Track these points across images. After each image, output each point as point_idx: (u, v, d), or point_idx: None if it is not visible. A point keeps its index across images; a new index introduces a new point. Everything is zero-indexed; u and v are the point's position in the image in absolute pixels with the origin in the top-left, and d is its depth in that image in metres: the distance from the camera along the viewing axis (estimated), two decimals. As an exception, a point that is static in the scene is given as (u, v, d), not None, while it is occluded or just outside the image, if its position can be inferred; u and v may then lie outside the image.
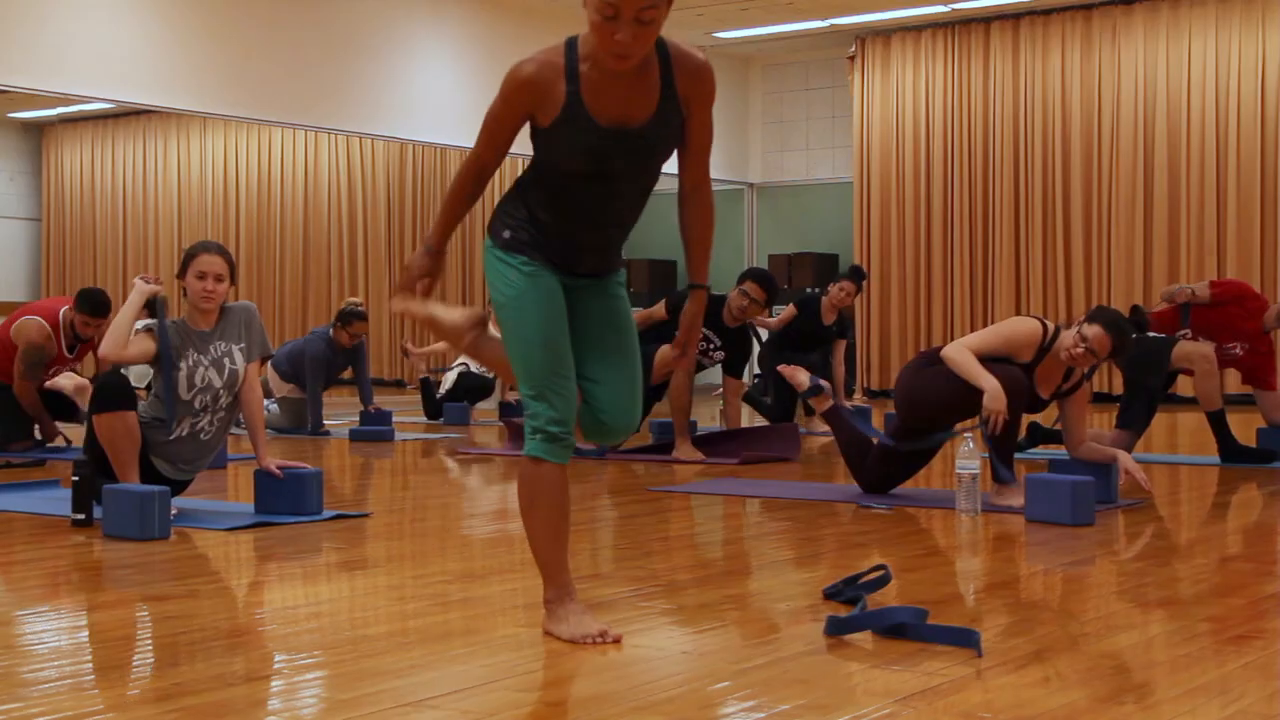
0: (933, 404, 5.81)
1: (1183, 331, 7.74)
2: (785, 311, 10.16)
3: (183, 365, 5.28)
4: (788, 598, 3.77)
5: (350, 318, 9.79)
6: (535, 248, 3.24)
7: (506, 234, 3.26)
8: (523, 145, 3.29)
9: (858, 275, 10.21)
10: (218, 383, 5.32)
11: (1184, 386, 12.84)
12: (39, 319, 7.81)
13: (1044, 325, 5.75)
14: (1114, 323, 5.68)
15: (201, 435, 5.37)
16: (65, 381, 7.85)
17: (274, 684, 2.90)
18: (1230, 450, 7.52)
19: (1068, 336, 5.72)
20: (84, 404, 5.33)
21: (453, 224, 3.39)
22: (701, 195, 3.36)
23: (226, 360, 5.34)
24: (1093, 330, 5.63)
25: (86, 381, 5.22)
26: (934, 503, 5.76)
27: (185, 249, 5.46)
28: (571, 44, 3.14)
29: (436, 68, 12.91)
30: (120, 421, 5.15)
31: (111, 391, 5.20)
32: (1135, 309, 6.46)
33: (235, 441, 8.89)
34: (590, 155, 3.15)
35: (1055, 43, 13.91)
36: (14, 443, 7.88)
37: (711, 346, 8.05)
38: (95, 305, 7.81)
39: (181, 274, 5.35)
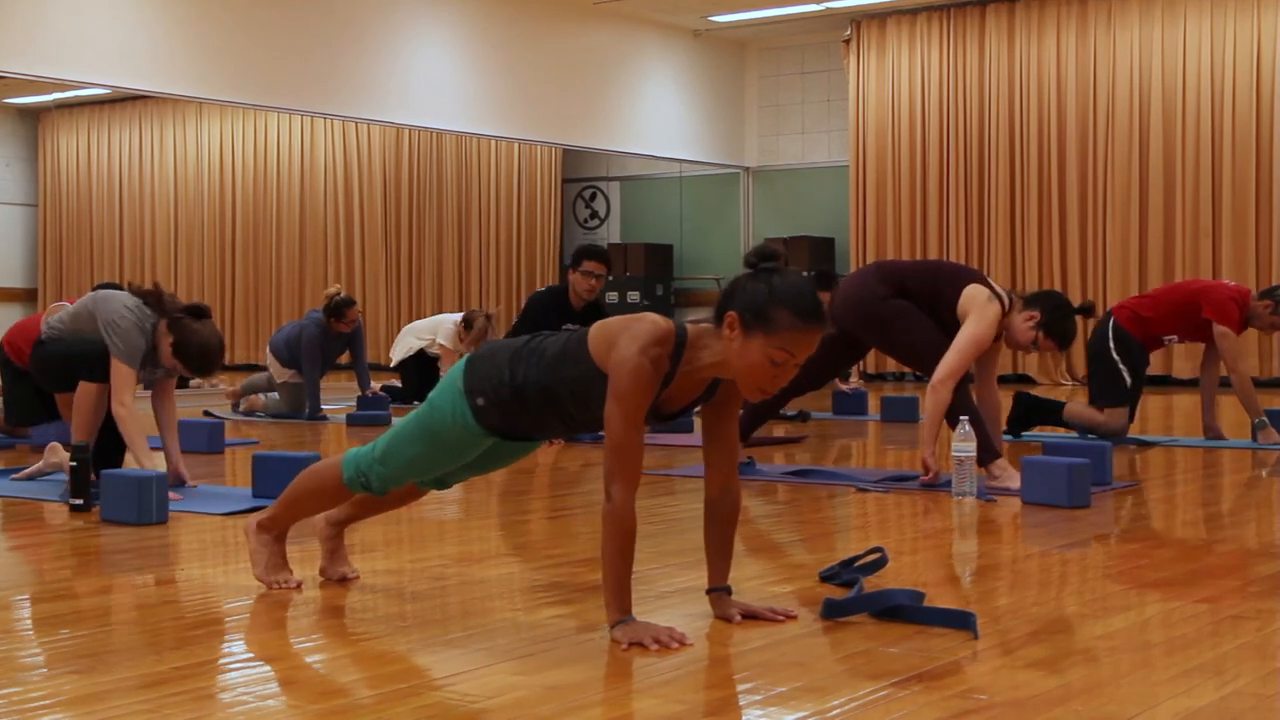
0: (893, 343, 6.05)
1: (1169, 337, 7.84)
2: None
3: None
4: (784, 580, 3.78)
5: (341, 308, 9.74)
6: (500, 423, 3.30)
7: (480, 401, 3.27)
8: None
9: (828, 282, 10.15)
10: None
11: (1181, 369, 12.89)
12: (69, 304, 7.93)
13: (1000, 302, 5.83)
14: (1068, 335, 5.97)
15: None
16: None
17: (272, 668, 2.91)
18: None
19: (1023, 330, 5.91)
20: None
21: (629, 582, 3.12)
22: (731, 496, 3.28)
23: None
24: (1049, 345, 5.93)
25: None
26: (930, 486, 5.76)
27: (193, 356, 5.52)
28: (682, 344, 3.06)
29: (433, 52, 12.89)
30: (103, 393, 5.51)
31: (101, 362, 5.50)
32: (1087, 305, 6.60)
33: (235, 427, 8.90)
34: None
35: (1050, 26, 13.89)
36: (18, 426, 7.90)
37: None
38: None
39: (170, 343, 5.52)
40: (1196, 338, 7.78)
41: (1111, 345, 7.61)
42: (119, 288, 8.29)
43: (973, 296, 5.81)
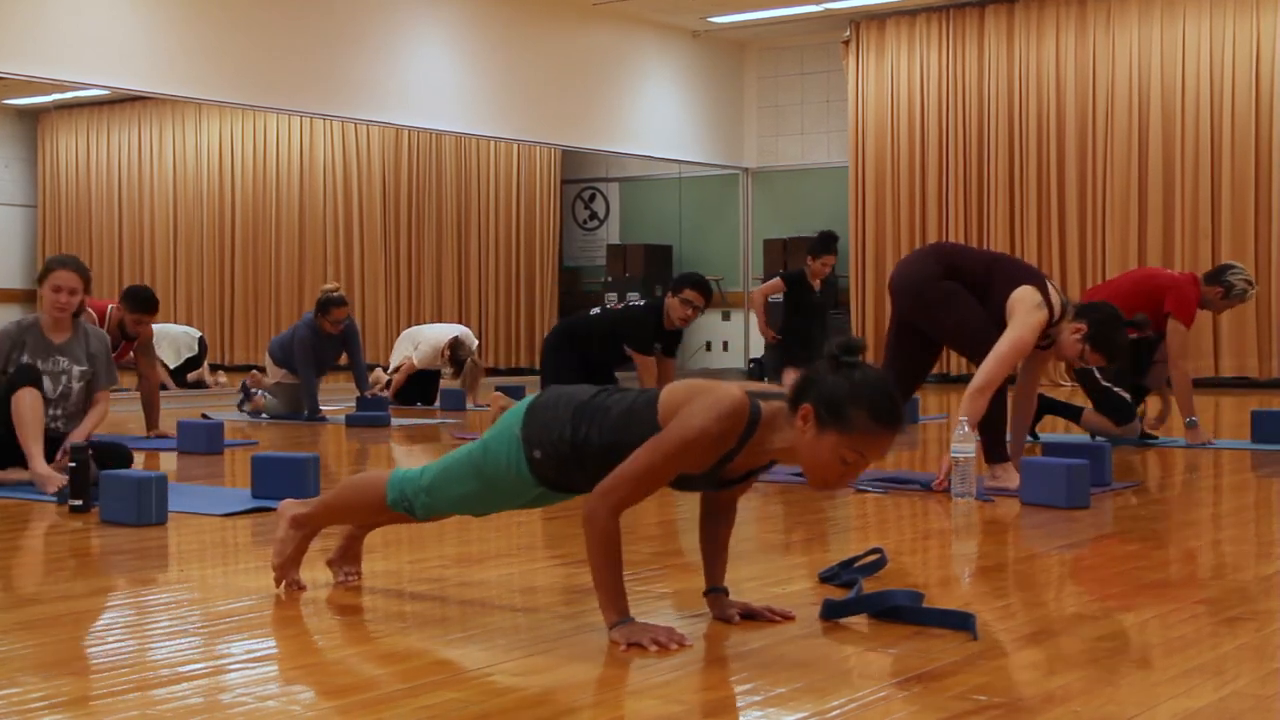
0: (940, 324, 5.89)
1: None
2: (771, 283, 10.18)
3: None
4: (783, 581, 3.78)
5: (328, 305, 9.69)
6: (555, 476, 3.25)
7: (538, 454, 3.21)
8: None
9: (832, 243, 10.15)
10: (50, 394, 5.78)
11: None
12: (90, 310, 7.94)
13: (1050, 310, 5.66)
14: (1119, 350, 5.78)
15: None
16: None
17: (271, 669, 2.91)
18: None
19: (1070, 343, 5.70)
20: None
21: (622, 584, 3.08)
22: (731, 512, 3.31)
23: (64, 377, 5.84)
24: (1096, 359, 5.74)
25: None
26: (929, 486, 5.76)
27: (46, 261, 5.96)
28: (754, 424, 2.98)
29: (433, 53, 12.89)
30: (33, 398, 5.60)
31: (28, 371, 5.68)
32: (1139, 319, 6.34)
33: (233, 428, 8.90)
34: (676, 484, 3.16)
35: (1050, 26, 13.90)
36: None
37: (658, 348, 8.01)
38: (147, 303, 7.94)
39: (40, 283, 5.88)
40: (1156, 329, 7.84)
41: (1104, 382, 7.69)
42: (152, 298, 8.25)
43: (1021, 298, 5.64)
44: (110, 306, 8.02)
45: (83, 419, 5.90)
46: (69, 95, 18.39)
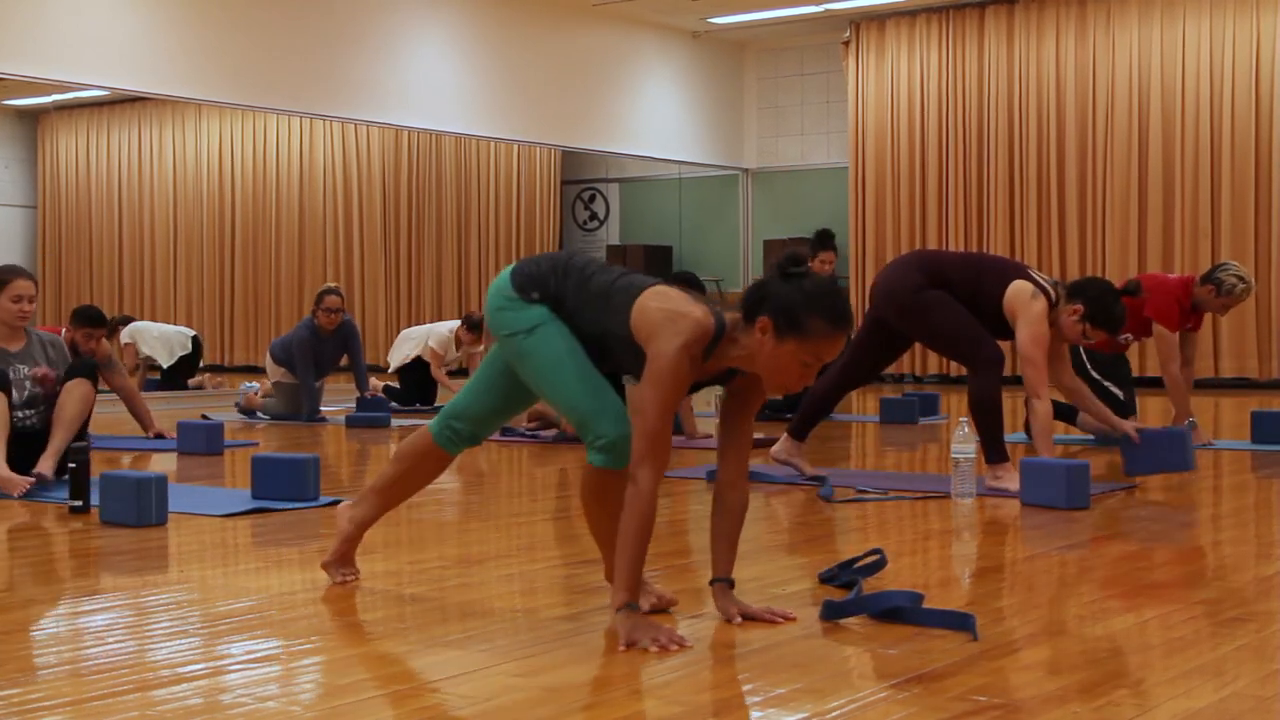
0: (929, 332, 5.96)
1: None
2: None
3: None
4: (783, 582, 3.78)
5: (320, 296, 9.78)
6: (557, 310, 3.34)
7: (535, 295, 3.32)
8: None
9: (829, 240, 10.04)
10: (16, 400, 5.84)
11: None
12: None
13: (1047, 297, 5.77)
14: (1116, 321, 5.85)
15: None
16: None
17: (271, 669, 2.91)
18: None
19: (1070, 325, 5.80)
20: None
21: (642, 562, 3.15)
22: (740, 491, 3.30)
23: (27, 382, 5.94)
24: (1099, 334, 5.85)
25: None
26: (929, 487, 5.76)
27: None
28: (718, 338, 3.12)
29: (433, 54, 12.89)
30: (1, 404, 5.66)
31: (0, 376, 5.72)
32: (1131, 285, 6.45)
33: (233, 429, 8.90)
34: None
35: (1050, 27, 13.90)
36: None
37: None
38: (93, 318, 7.94)
39: None
40: (1147, 334, 7.82)
41: (1094, 375, 7.70)
42: (99, 314, 8.26)
43: (1018, 294, 5.75)
44: (63, 330, 8.05)
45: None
46: (69, 96, 18.39)
